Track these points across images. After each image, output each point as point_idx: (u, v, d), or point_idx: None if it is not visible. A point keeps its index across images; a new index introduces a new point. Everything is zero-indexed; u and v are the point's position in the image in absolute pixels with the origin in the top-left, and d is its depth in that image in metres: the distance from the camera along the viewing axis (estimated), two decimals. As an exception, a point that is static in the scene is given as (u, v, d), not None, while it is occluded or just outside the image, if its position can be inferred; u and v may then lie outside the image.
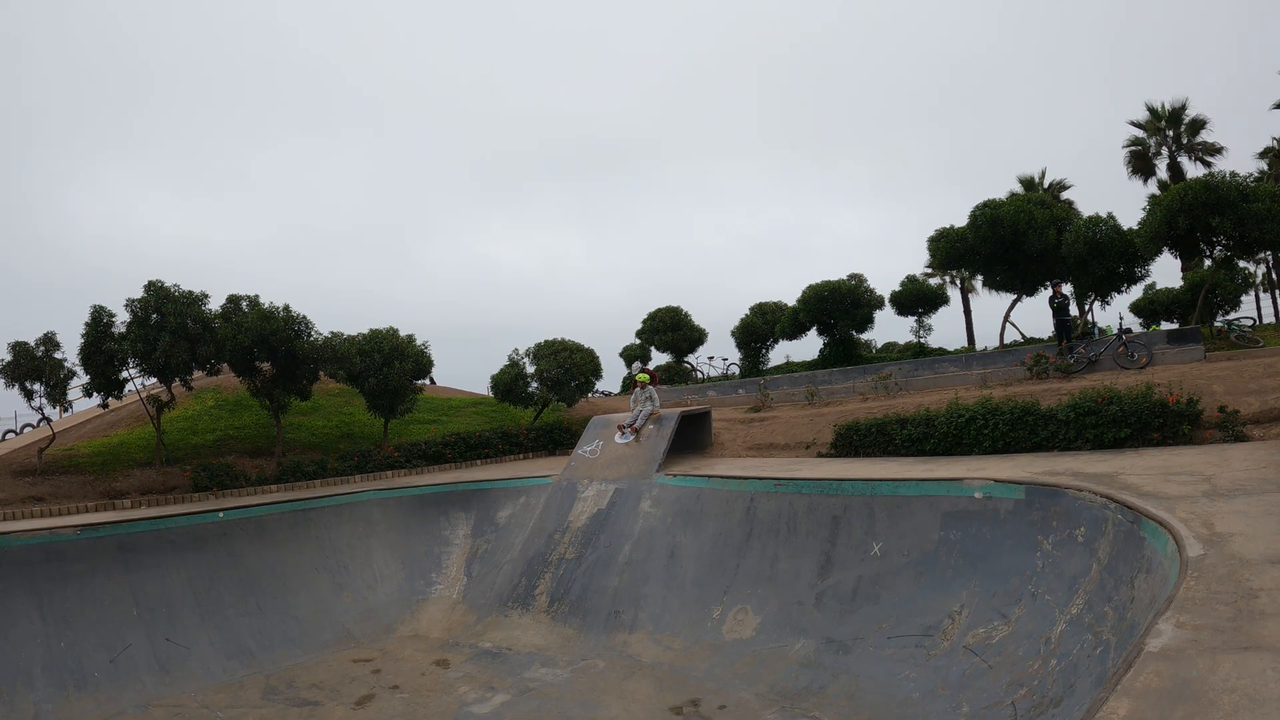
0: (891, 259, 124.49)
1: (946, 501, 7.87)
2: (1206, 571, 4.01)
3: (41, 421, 16.44)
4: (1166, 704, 2.61)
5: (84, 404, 17.91)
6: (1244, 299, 23.24)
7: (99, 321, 12.33)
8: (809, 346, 48.57)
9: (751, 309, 27.10)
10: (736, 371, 26.66)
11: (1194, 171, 27.77)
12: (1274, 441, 8.37)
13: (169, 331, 12.17)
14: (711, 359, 27.99)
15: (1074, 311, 18.96)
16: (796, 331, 24.94)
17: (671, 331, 27.70)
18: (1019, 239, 19.14)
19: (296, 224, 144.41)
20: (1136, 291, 21.65)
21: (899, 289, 26.49)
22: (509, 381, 17.71)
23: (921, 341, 29.08)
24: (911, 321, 28.62)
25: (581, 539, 10.81)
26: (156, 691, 8.25)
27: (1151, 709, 2.59)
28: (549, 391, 17.38)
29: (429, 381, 23.39)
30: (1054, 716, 4.91)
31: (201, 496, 12.16)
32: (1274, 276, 31.46)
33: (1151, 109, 29.37)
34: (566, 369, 17.26)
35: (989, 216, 19.34)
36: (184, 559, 9.85)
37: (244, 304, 13.60)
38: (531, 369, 17.84)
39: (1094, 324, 19.53)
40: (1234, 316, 18.47)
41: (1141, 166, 29.98)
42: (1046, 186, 32.18)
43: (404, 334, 15.74)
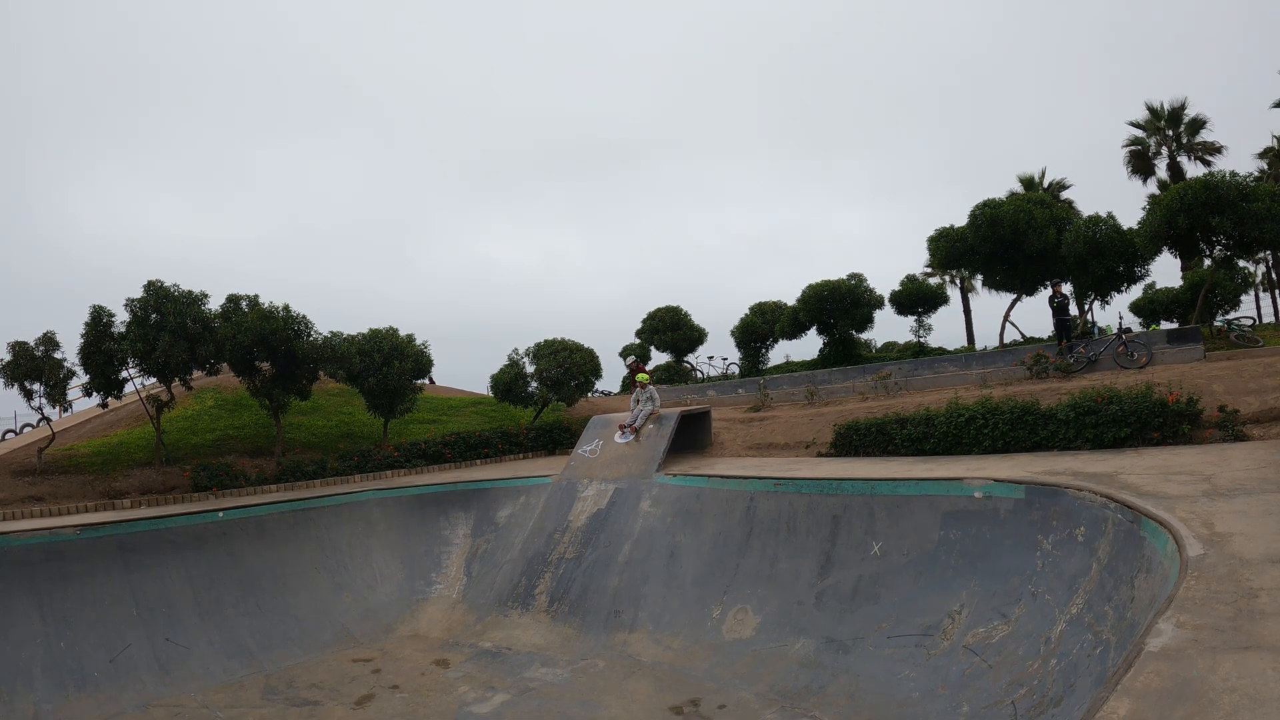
0: (891, 258, 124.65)
1: (946, 501, 7.87)
2: (1206, 571, 4.01)
3: (41, 421, 16.44)
4: (1167, 704, 2.61)
5: (84, 404, 17.96)
6: (1244, 298, 23.22)
7: (99, 321, 12.33)
8: (809, 346, 48.63)
9: (751, 309, 27.12)
10: (736, 371, 26.67)
11: (1194, 171, 27.78)
12: (1274, 441, 8.37)
13: (169, 331, 12.17)
14: (711, 359, 28.05)
15: (1074, 311, 18.97)
16: (796, 331, 24.96)
17: (671, 331, 27.72)
18: (1019, 239, 19.16)
19: (296, 223, 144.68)
20: (1136, 291, 21.69)
21: (899, 289, 26.53)
22: (509, 381, 17.72)
23: (921, 341, 29.06)
24: (911, 321, 28.60)
25: (581, 539, 10.80)
26: (156, 691, 8.25)
27: (1152, 709, 2.59)
28: (549, 391, 17.38)
29: (429, 381, 23.40)
30: (1054, 716, 4.91)
31: (201, 496, 12.16)
32: (1274, 276, 31.47)
33: (1151, 108, 29.37)
34: (566, 369, 17.27)
35: (989, 216, 19.36)
36: (184, 559, 9.86)
37: (244, 304, 13.60)
38: (531, 369, 17.85)
39: (1094, 324, 19.53)
40: (1234, 316, 18.47)
41: (1141, 166, 29.99)
42: (1046, 186, 32.17)
43: (404, 334, 15.74)
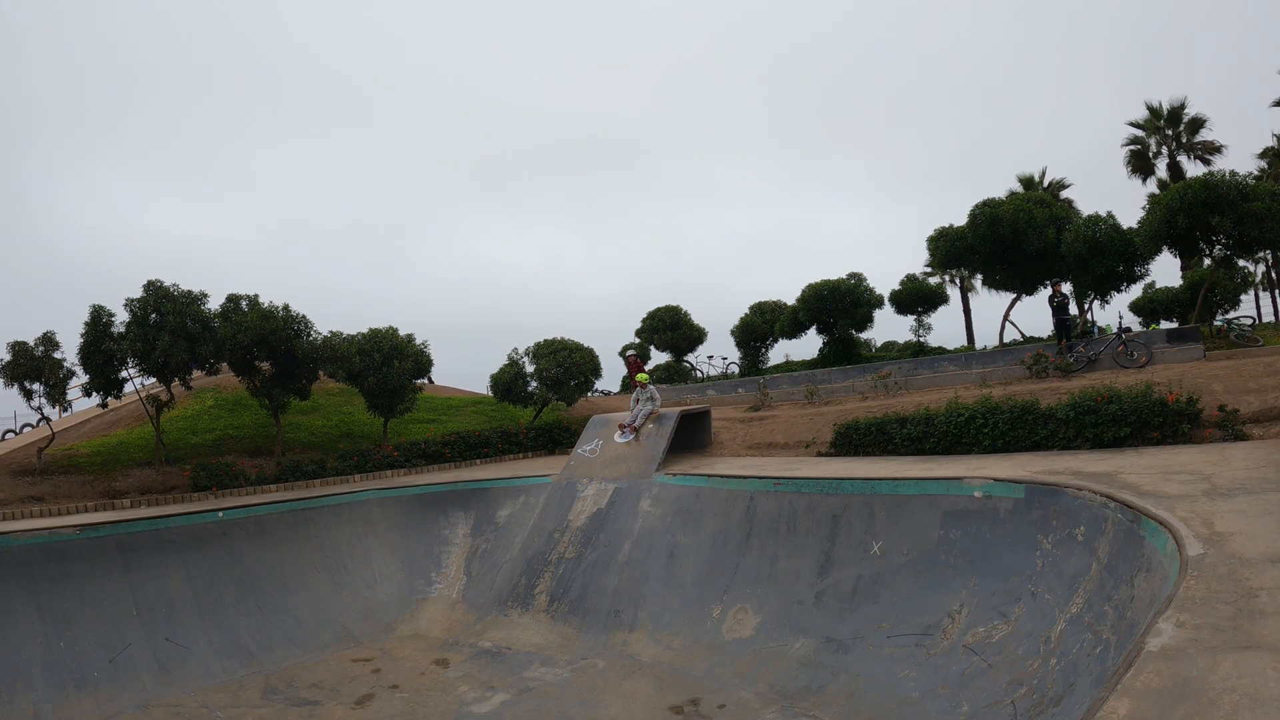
0: (891, 258, 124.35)
1: (946, 501, 7.87)
2: (1206, 571, 4.01)
3: (41, 421, 16.43)
4: (1167, 703, 2.61)
5: (83, 404, 17.96)
6: (1243, 298, 23.26)
7: (98, 321, 12.32)
8: (808, 345, 48.52)
9: (751, 308, 27.12)
10: (736, 370, 26.66)
11: (1193, 170, 27.78)
12: (1274, 440, 8.37)
13: (168, 331, 12.16)
14: (711, 358, 28.01)
15: (1073, 310, 18.98)
16: (796, 330, 24.96)
17: (671, 330, 27.72)
18: (1018, 238, 19.15)
19: (294, 223, 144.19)
20: (1136, 290, 21.69)
21: (898, 288, 26.52)
22: (508, 381, 17.72)
23: (921, 340, 29.06)
24: (911, 320, 28.61)
25: (581, 538, 10.80)
26: (156, 691, 8.25)
27: (1152, 708, 2.59)
28: (548, 391, 17.38)
29: (428, 381, 23.39)
30: (1054, 715, 4.91)
31: (201, 496, 12.15)
32: (1273, 275, 31.48)
33: (1151, 108, 29.36)
34: (566, 368, 17.27)
35: (988, 215, 19.35)
36: (184, 559, 9.85)
37: (243, 303, 13.60)
38: (531, 368, 17.86)
39: (1093, 323, 19.51)
40: (1233, 315, 18.48)
41: (1141, 166, 29.98)
42: (1046, 185, 32.16)
43: (403, 333, 15.74)
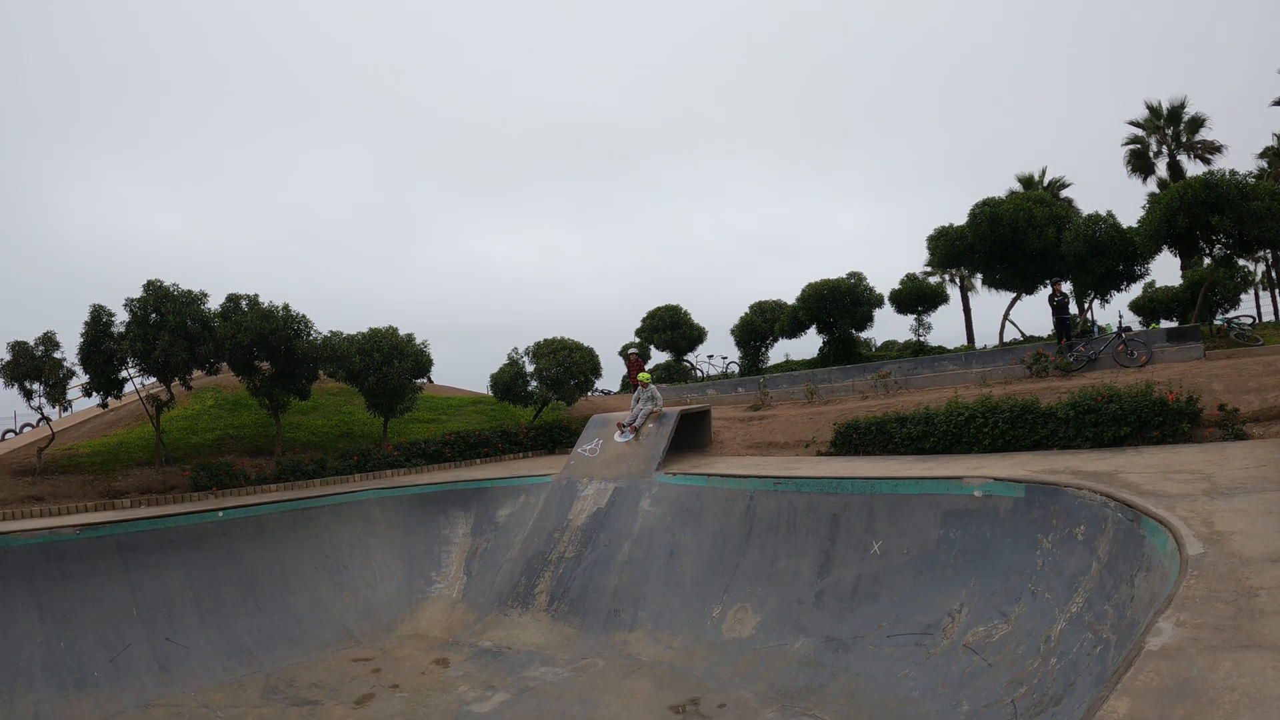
0: (891, 257, 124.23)
1: (946, 500, 7.87)
2: (1206, 570, 4.01)
3: (41, 421, 16.42)
4: (1167, 702, 2.60)
5: (83, 404, 17.97)
6: (1243, 297, 23.21)
7: (98, 321, 12.32)
8: (808, 345, 48.55)
9: (751, 307, 27.12)
10: (736, 370, 26.66)
11: (1193, 170, 27.76)
12: (1274, 440, 8.37)
13: (168, 331, 12.16)
14: (711, 357, 28.02)
15: (1073, 310, 18.96)
16: (796, 330, 24.96)
17: (671, 330, 27.72)
18: (1018, 237, 19.15)
19: (293, 223, 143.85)
20: (1136, 290, 21.68)
21: (898, 287, 26.52)
22: (508, 380, 17.72)
23: (921, 340, 29.05)
24: (911, 320, 28.58)
25: (581, 538, 10.81)
26: (156, 691, 8.25)
27: (1152, 707, 2.59)
28: (548, 390, 17.38)
29: (427, 380, 23.38)
30: (1054, 715, 4.91)
31: (201, 496, 12.15)
32: (1273, 275, 31.48)
33: (1151, 107, 29.34)
34: (566, 368, 17.27)
35: (988, 215, 19.35)
36: (184, 558, 9.85)
37: (243, 303, 13.59)
38: (531, 368, 17.86)
39: (1093, 322, 19.51)
40: (1233, 315, 18.46)
41: (1141, 165, 29.96)
42: (1046, 185, 32.15)
43: (403, 333, 15.75)
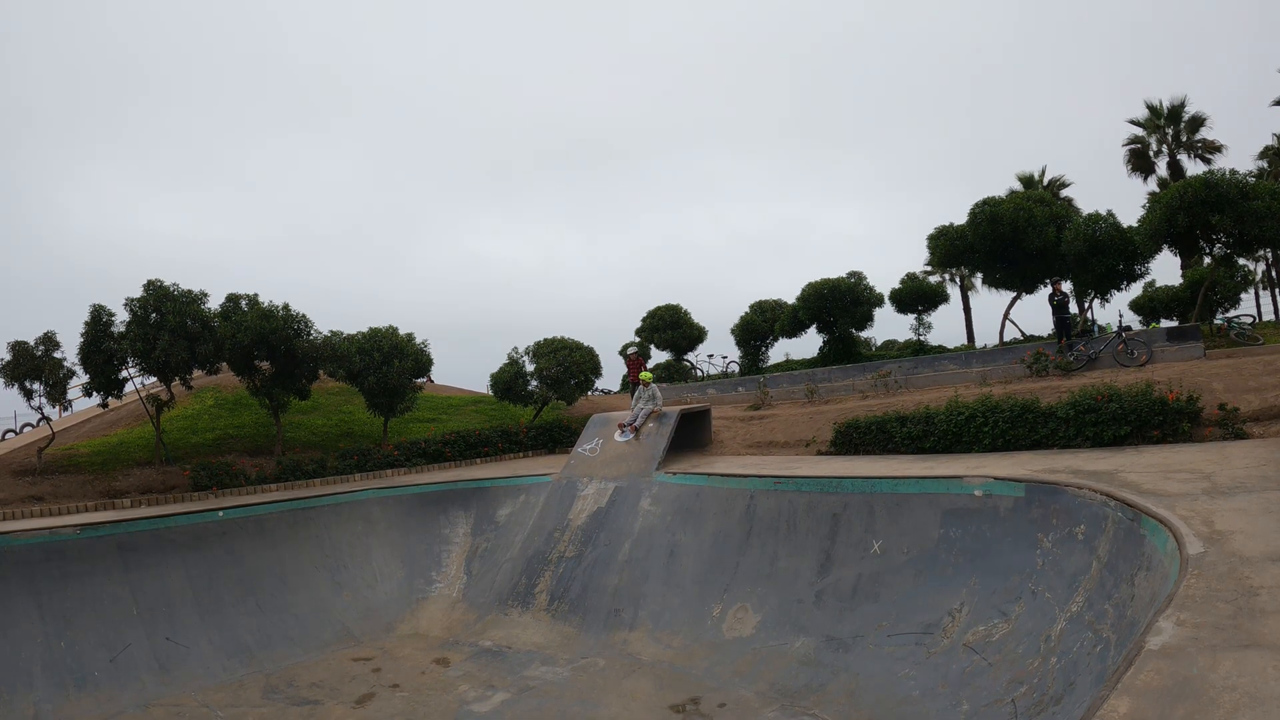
0: (891, 256, 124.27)
1: (946, 499, 7.87)
2: (1207, 569, 4.01)
3: (41, 421, 16.43)
4: (1167, 702, 2.60)
5: (83, 403, 17.91)
6: (1243, 296, 23.24)
7: (98, 321, 12.32)
8: (809, 344, 48.60)
9: (751, 307, 27.12)
10: (736, 369, 26.66)
11: (1193, 169, 27.77)
12: (1274, 439, 8.37)
13: (168, 330, 12.16)
14: (711, 357, 28.00)
15: (1074, 309, 18.98)
16: (796, 329, 24.97)
17: (671, 329, 27.71)
18: (1018, 237, 19.15)
19: (292, 223, 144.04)
20: (1136, 289, 21.69)
21: (898, 287, 26.53)
22: (509, 380, 17.73)
23: (921, 339, 29.04)
24: (911, 319, 28.58)
25: (581, 537, 10.81)
26: (156, 691, 8.25)
27: (1152, 707, 2.59)
28: (549, 390, 17.39)
29: (428, 380, 23.36)
30: (1054, 714, 4.91)
31: (201, 496, 12.15)
32: (1273, 274, 31.48)
33: (1151, 107, 29.33)
34: (566, 367, 17.28)
35: (988, 214, 19.36)
36: (184, 558, 9.85)
37: (243, 303, 13.58)
38: (531, 367, 17.87)
39: (1094, 322, 19.54)
40: (1234, 314, 18.47)
41: (1141, 164, 29.96)
42: (1046, 184, 32.16)
43: (403, 332, 15.75)
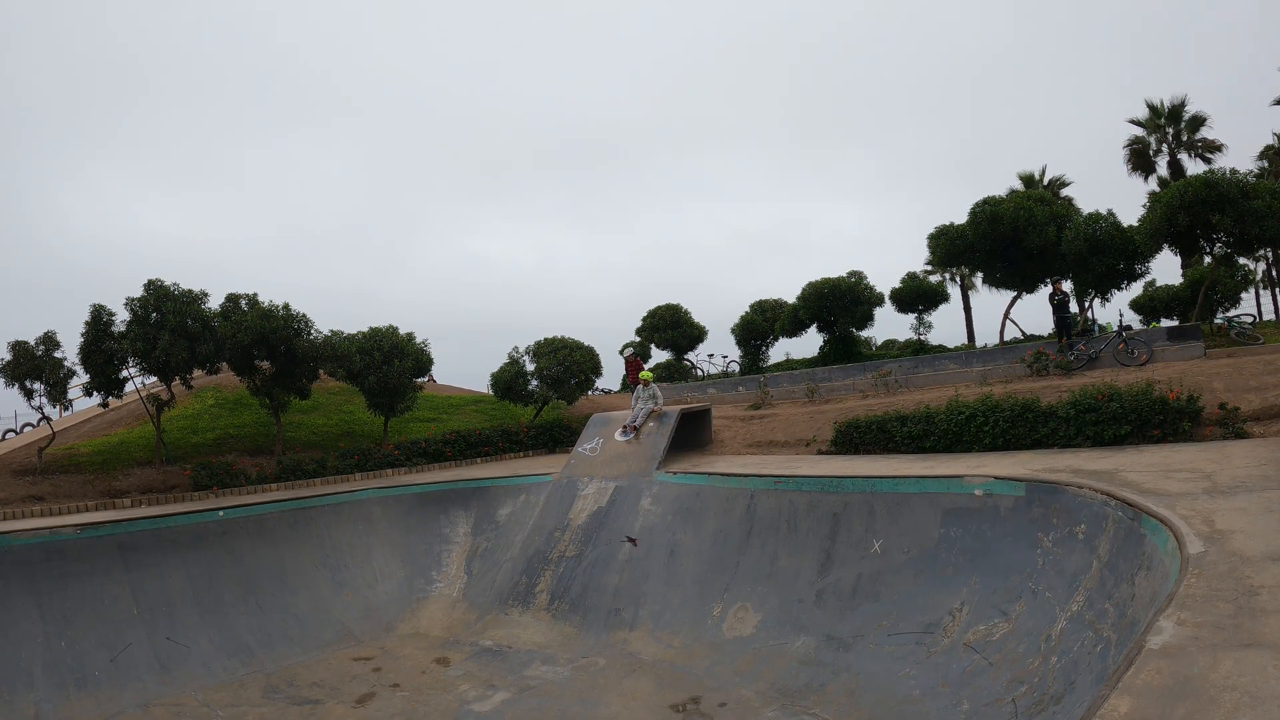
0: (891, 256, 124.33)
1: (947, 499, 7.86)
2: (1207, 569, 4.00)
3: (41, 421, 16.44)
4: (1167, 701, 2.60)
5: (84, 403, 17.94)
6: (1244, 296, 23.23)
7: (99, 320, 12.33)
8: (809, 344, 48.62)
9: (751, 306, 27.14)
10: (736, 369, 26.66)
11: (1194, 168, 27.76)
12: (1275, 439, 8.36)
13: (169, 330, 12.16)
14: (711, 356, 28.00)
15: (1074, 309, 18.97)
16: (796, 329, 24.97)
17: (671, 329, 27.72)
18: (1019, 236, 19.14)
19: (292, 222, 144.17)
20: (1137, 288, 21.71)
21: (899, 286, 26.54)
22: (509, 379, 17.72)
23: (921, 339, 29.10)
24: (911, 319, 28.69)
25: (582, 537, 10.81)
26: (157, 690, 8.26)
27: (1152, 706, 2.58)
28: (549, 389, 17.38)
29: (429, 379, 23.35)
30: (1055, 714, 4.91)
31: (201, 495, 12.16)
32: (1274, 274, 31.47)
33: (1151, 106, 29.33)
34: (566, 367, 17.27)
35: (989, 213, 19.34)
36: (184, 558, 9.86)
37: (243, 303, 13.58)
38: (531, 367, 17.86)
39: (1094, 321, 19.53)
40: (1234, 313, 18.46)
41: (1141, 164, 29.96)
42: (1046, 183, 32.17)
43: (403, 332, 15.75)
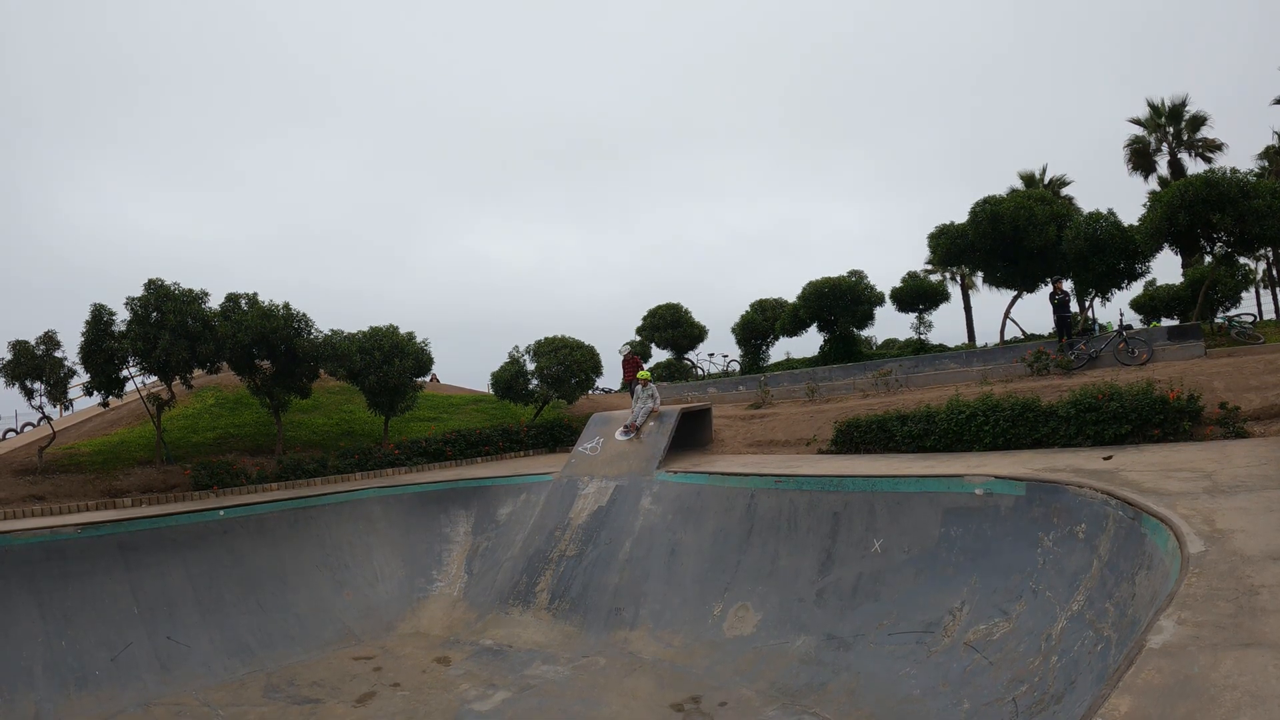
0: (892, 255, 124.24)
1: (947, 498, 7.86)
2: (1208, 568, 4.00)
3: (42, 420, 16.45)
4: (1168, 701, 2.60)
5: (84, 403, 17.92)
6: (1244, 295, 23.20)
7: (99, 320, 12.33)
8: (809, 343, 48.59)
9: (752, 306, 27.14)
10: (737, 368, 26.67)
11: (1194, 168, 27.74)
12: (1275, 438, 8.36)
13: (169, 330, 12.16)
14: (712, 356, 28.02)
15: (1074, 308, 18.95)
16: (797, 328, 24.95)
17: (672, 329, 27.72)
18: (1019, 235, 19.13)
19: (291, 222, 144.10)
20: (1137, 288, 21.65)
21: (899, 285, 26.52)
22: (509, 378, 17.72)
23: (922, 338, 29.08)
24: (912, 318, 28.65)
25: (582, 536, 10.81)
26: (157, 690, 8.26)
27: (1153, 706, 2.58)
28: (549, 389, 17.38)
29: (431, 378, 23.37)
30: (1055, 713, 4.91)
31: (202, 495, 12.16)
32: (1274, 273, 31.45)
33: (1152, 105, 29.31)
34: (567, 366, 17.27)
35: (989, 213, 19.32)
36: (184, 557, 9.86)
37: (243, 302, 13.59)
38: (532, 366, 17.86)
39: (1094, 320, 19.50)
40: (1234, 313, 18.44)
41: (1142, 163, 29.94)
42: (1047, 183, 32.15)
43: (404, 331, 15.75)
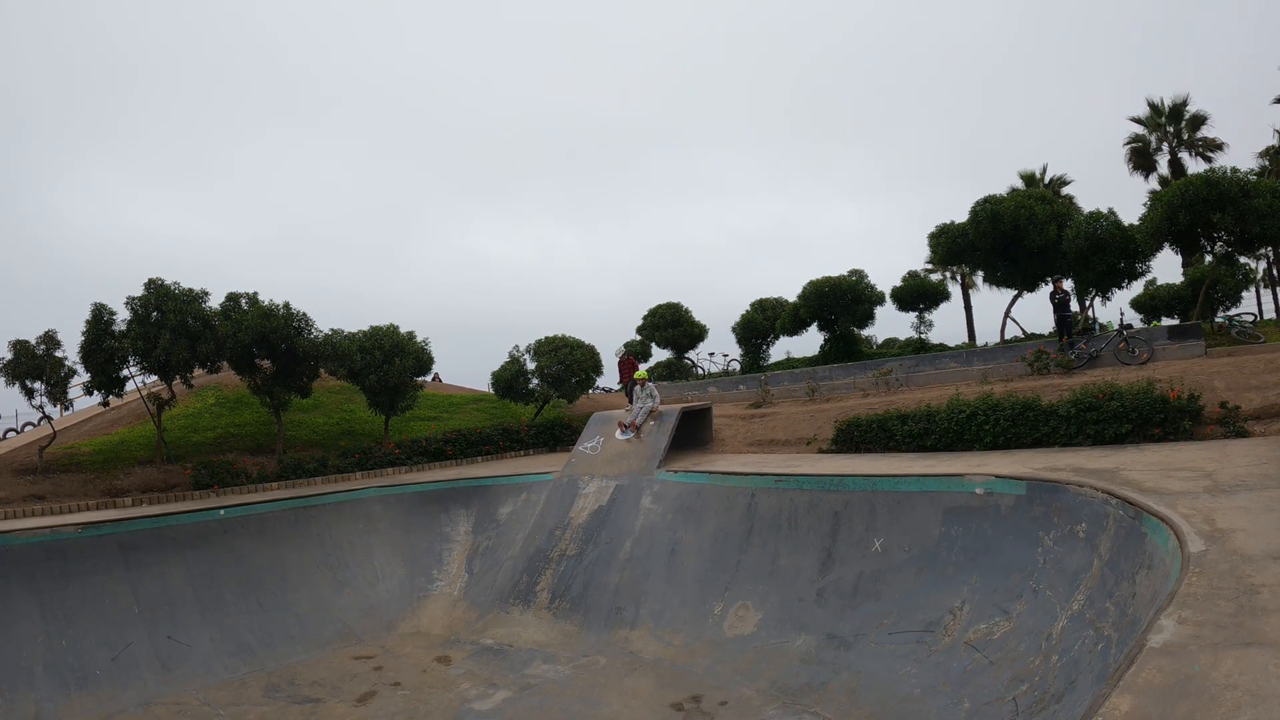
0: (892, 254, 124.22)
1: (948, 497, 7.86)
2: (1208, 567, 4.00)
3: (42, 420, 16.46)
4: (1168, 700, 2.60)
5: (85, 402, 17.94)
6: (1245, 295, 23.24)
7: (99, 319, 12.33)
8: (810, 342, 48.58)
9: (752, 305, 27.11)
10: (737, 368, 26.67)
11: (1195, 167, 27.73)
12: (1275, 437, 8.36)
13: (169, 329, 12.17)
14: (712, 355, 28.03)
15: (1075, 307, 18.95)
16: (797, 327, 24.94)
17: (672, 328, 27.72)
18: (1020, 235, 19.12)
19: (288, 222, 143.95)
20: (1137, 287, 21.64)
21: (900, 285, 26.50)
22: (510, 378, 17.73)
23: (922, 337, 29.03)
24: (912, 317, 28.55)
25: (582, 535, 10.81)
26: (158, 689, 8.27)
27: (1153, 705, 2.58)
28: (550, 388, 17.39)
29: (434, 378, 23.38)
30: (1055, 713, 4.91)
31: (202, 494, 12.17)
32: (1275, 272, 31.42)
33: (1152, 105, 29.31)
34: (567, 365, 17.27)
35: (990, 212, 19.31)
36: (185, 557, 9.87)
37: (243, 301, 13.59)
38: (532, 365, 17.86)
39: (1095, 320, 19.50)
40: (1235, 312, 18.47)
41: (1142, 162, 29.94)
42: (1047, 182, 32.16)
43: (404, 331, 15.75)
